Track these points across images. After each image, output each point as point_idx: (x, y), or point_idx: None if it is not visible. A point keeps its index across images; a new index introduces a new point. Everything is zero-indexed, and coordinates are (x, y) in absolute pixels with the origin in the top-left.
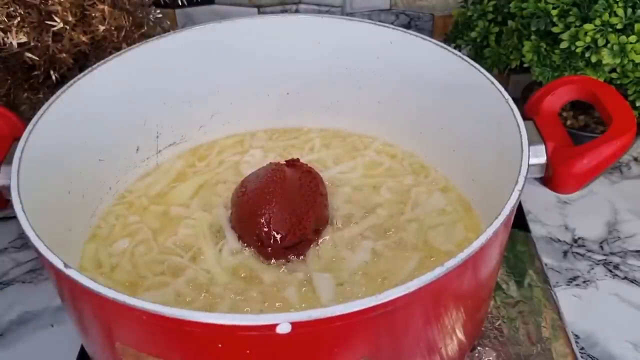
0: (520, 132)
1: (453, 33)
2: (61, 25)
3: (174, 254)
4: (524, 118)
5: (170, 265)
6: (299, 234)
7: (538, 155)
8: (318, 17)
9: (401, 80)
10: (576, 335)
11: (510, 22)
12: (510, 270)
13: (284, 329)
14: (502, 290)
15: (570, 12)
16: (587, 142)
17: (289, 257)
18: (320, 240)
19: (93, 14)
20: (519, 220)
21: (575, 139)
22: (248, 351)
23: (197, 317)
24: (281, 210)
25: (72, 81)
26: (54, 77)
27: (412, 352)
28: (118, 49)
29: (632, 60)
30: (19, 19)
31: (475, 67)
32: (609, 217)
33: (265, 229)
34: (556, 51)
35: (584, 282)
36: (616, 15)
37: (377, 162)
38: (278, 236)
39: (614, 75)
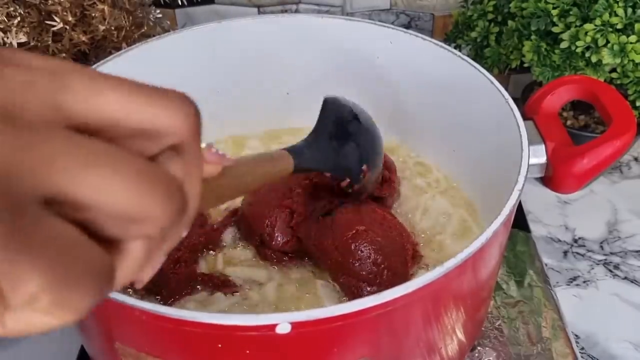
0: (520, 131)
1: (453, 33)
2: (61, 25)
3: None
4: (524, 118)
5: None
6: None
7: (538, 155)
8: (318, 17)
9: (401, 80)
10: (576, 335)
11: (510, 22)
12: (510, 270)
13: (283, 329)
14: (502, 290)
15: (571, 12)
16: (587, 142)
17: (286, 261)
18: None
19: (93, 14)
20: (519, 220)
21: (575, 139)
22: (248, 351)
23: (197, 317)
24: (288, 216)
25: None
26: None
27: (412, 352)
28: (118, 49)
29: (632, 60)
30: (18, 18)
31: (475, 67)
32: (609, 217)
33: (269, 231)
34: (556, 51)
35: (584, 282)
36: (616, 15)
37: None
38: (281, 240)
39: (614, 75)
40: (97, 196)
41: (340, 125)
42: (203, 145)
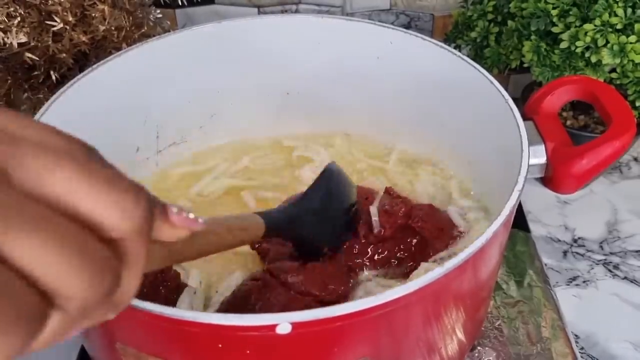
0: (520, 132)
1: (453, 33)
2: (61, 25)
3: None
4: (524, 118)
5: None
6: None
7: (538, 156)
8: (318, 18)
9: (401, 81)
10: (576, 335)
11: (510, 22)
12: (510, 270)
13: (284, 329)
14: (502, 290)
15: (570, 12)
16: (587, 142)
17: None
18: None
19: (93, 14)
20: (519, 220)
21: (575, 140)
22: (248, 351)
23: (198, 318)
24: None
25: (72, 81)
26: (54, 77)
27: (412, 352)
28: (118, 49)
29: (632, 61)
30: (19, 19)
31: (475, 67)
32: (609, 217)
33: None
34: (556, 51)
35: (584, 282)
36: (616, 15)
37: (377, 161)
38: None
39: (614, 75)
40: (27, 261)
41: (328, 203)
42: (175, 209)
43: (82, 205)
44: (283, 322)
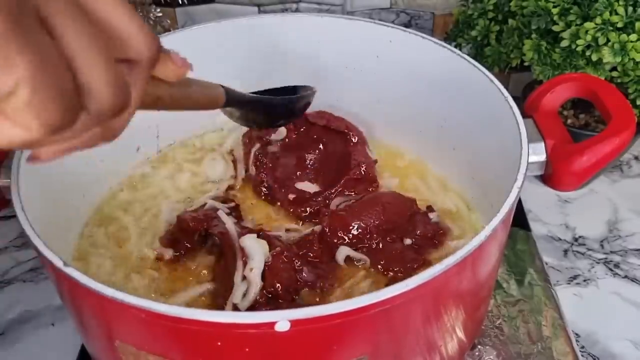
0: (519, 130)
1: (454, 32)
2: None
3: None
4: (524, 116)
5: None
6: None
7: (537, 153)
8: (318, 16)
9: (401, 79)
10: (576, 334)
11: (510, 21)
12: (510, 269)
13: (282, 326)
14: (502, 289)
15: (571, 11)
16: (586, 140)
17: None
18: None
19: None
20: (520, 219)
21: (575, 138)
22: (247, 349)
23: (196, 315)
24: None
25: None
26: None
27: (411, 350)
28: None
29: (633, 59)
30: None
31: (475, 66)
32: (610, 215)
33: None
34: (557, 50)
35: (585, 280)
36: (617, 14)
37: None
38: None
39: (614, 73)
40: (72, 45)
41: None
42: (176, 52)
43: (119, 23)
44: (282, 319)
